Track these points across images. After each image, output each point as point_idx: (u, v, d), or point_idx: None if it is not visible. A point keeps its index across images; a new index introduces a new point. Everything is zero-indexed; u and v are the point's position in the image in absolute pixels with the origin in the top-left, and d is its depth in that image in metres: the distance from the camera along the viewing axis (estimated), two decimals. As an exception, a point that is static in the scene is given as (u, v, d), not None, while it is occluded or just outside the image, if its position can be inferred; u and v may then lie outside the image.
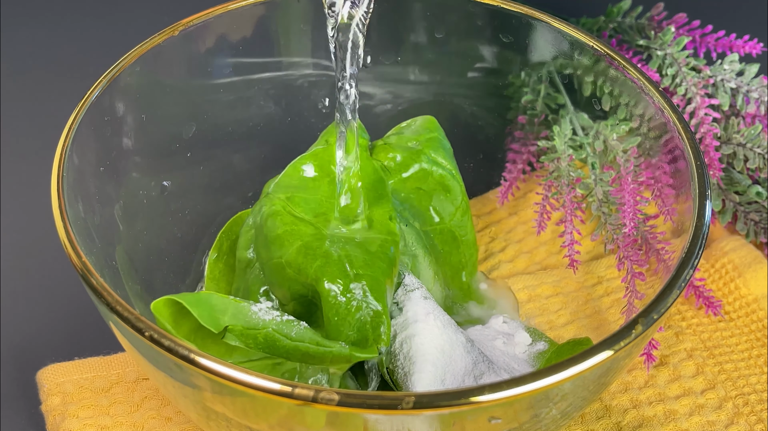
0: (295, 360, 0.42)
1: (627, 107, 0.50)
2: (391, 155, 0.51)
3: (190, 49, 0.51)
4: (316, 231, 0.46)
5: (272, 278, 0.46)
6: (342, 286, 0.43)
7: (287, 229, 0.46)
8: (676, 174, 0.46)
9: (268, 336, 0.42)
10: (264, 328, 0.42)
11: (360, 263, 0.44)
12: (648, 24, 0.61)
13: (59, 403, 0.48)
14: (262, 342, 0.42)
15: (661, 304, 0.38)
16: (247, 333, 0.41)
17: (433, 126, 0.53)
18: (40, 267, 0.57)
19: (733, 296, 0.54)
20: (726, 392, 0.50)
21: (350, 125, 0.45)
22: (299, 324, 0.43)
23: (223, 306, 0.42)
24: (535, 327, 0.51)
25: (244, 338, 0.41)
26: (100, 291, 0.38)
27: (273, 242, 0.46)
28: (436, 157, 0.51)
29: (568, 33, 0.51)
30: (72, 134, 0.43)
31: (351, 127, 0.46)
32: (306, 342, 0.42)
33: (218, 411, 0.38)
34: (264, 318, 0.42)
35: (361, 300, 0.43)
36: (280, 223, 0.46)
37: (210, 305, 0.41)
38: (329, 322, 0.43)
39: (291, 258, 0.45)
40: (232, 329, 0.41)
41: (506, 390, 0.34)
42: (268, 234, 0.46)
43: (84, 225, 0.42)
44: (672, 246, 0.46)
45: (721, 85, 0.57)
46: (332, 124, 0.52)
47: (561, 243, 0.53)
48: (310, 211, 0.47)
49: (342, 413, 0.34)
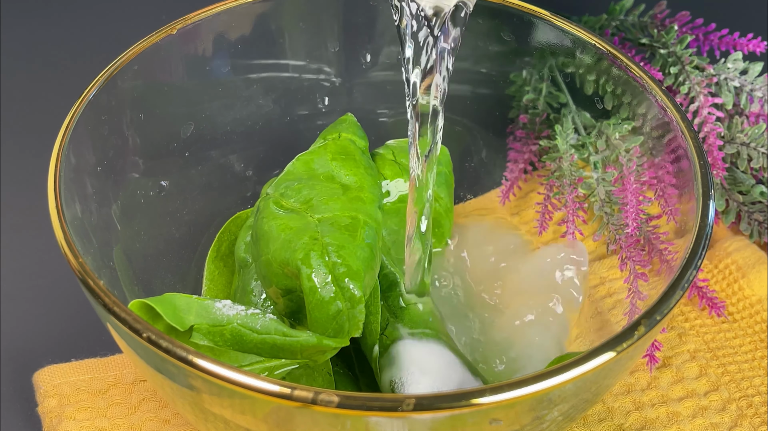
0: (265, 354, 0.42)
1: (629, 106, 0.50)
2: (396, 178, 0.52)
3: (188, 48, 0.51)
4: (303, 221, 0.46)
5: (262, 275, 0.46)
6: (320, 276, 0.43)
7: (274, 224, 0.46)
8: (679, 173, 0.46)
9: (234, 332, 0.42)
10: (229, 324, 0.42)
11: (340, 251, 0.44)
12: (651, 22, 0.61)
13: (56, 405, 0.48)
14: (230, 339, 0.42)
15: (664, 305, 0.38)
16: (214, 331, 0.42)
17: (445, 159, 0.53)
18: (37, 268, 0.57)
19: (737, 297, 0.54)
20: (729, 394, 0.50)
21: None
22: (264, 316, 0.42)
23: (187, 306, 0.42)
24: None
25: (211, 336, 0.42)
26: (97, 293, 0.38)
27: (261, 238, 0.46)
28: (439, 192, 0.52)
29: (570, 31, 0.51)
30: (69, 133, 0.43)
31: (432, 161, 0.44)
32: (272, 334, 0.42)
33: (216, 413, 0.38)
34: (228, 314, 0.42)
35: (341, 288, 0.43)
36: (268, 218, 0.46)
37: (174, 305, 0.41)
38: (310, 314, 0.43)
39: (277, 253, 0.45)
40: (198, 328, 0.41)
41: (508, 392, 0.34)
42: (257, 231, 0.46)
43: (81, 226, 0.42)
44: (675, 246, 0.46)
45: (725, 83, 0.57)
46: (333, 124, 0.52)
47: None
48: (301, 199, 0.47)
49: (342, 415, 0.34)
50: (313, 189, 0.47)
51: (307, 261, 0.43)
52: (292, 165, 0.50)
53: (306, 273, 0.43)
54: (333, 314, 0.43)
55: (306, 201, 0.47)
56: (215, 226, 0.53)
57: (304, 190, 0.48)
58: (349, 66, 0.56)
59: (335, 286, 0.43)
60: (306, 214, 0.46)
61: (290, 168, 0.50)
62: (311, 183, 0.48)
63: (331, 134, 0.51)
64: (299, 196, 0.47)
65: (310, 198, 0.47)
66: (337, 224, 0.45)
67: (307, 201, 0.47)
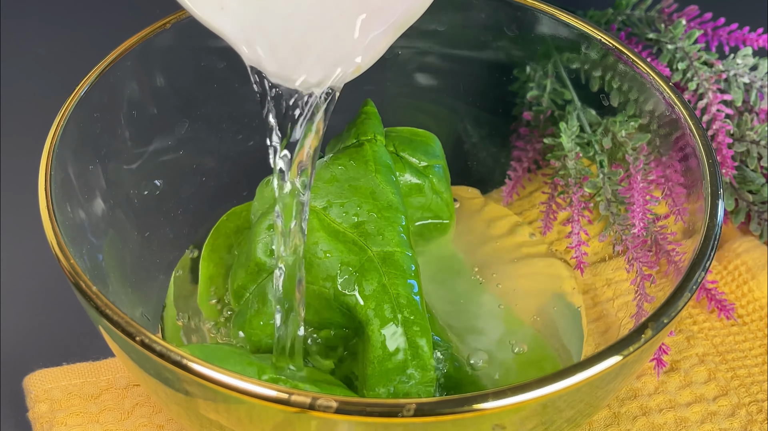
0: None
1: (636, 103, 0.50)
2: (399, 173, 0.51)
3: (182, 43, 0.51)
4: (362, 254, 0.45)
5: (308, 301, 0.45)
6: (390, 334, 0.43)
7: (332, 255, 0.45)
8: (688, 172, 0.46)
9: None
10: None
11: (406, 304, 0.44)
12: (658, 16, 0.61)
13: (47, 410, 0.48)
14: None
15: (671, 308, 0.38)
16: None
17: (439, 151, 0.53)
18: (27, 269, 0.57)
19: (747, 299, 0.54)
20: (739, 399, 0.50)
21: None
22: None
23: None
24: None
25: None
26: (89, 295, 0.37)
27: (313, 266, 0.45)
28: (439, 186, 0.52)
29: (575, 26, 0.51)
30: (60, 132, 0.43)
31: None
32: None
33: (212, 418, 0.38)
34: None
35: (408, 351, 0.43)
36: (323, 245, 0.45)
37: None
38: (373, 365, 0.43)
39: (334, 289, 0.44)
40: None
41: (511, 397, 0.34)
42: (306, 254, 0.45)
43: (73, 226, 0.42)
44: (683, 247, 0.46)
45: (734, 80, 0.57)
46: (360, 118, 0.51)
47: (567, 244, 0.53)
48: (350, 220, 0.46)
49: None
50: (361, 208, 0.46)
51: (378, 315, 0.43)
52: (327, 169, 0.48)
53: (375, 329, 0.43)
54: (398, 373, 0.43)
55: (357, 224, 0.46)
56: (210, 227, 0.52)
57: (350, 208, 0.46)
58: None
59: (406, 345, 0.43)
60: (362, 244, 0.45)
61: (325, 173, 0.47)
62: (357, 200, 0.47)
63: (365, 134, 0.49)
64: (347, 216, 0.46)
65: (361, 221, 0.46)
66: (397, 265, 0.45)
67: (359, 225, 0.46)
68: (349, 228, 0.46)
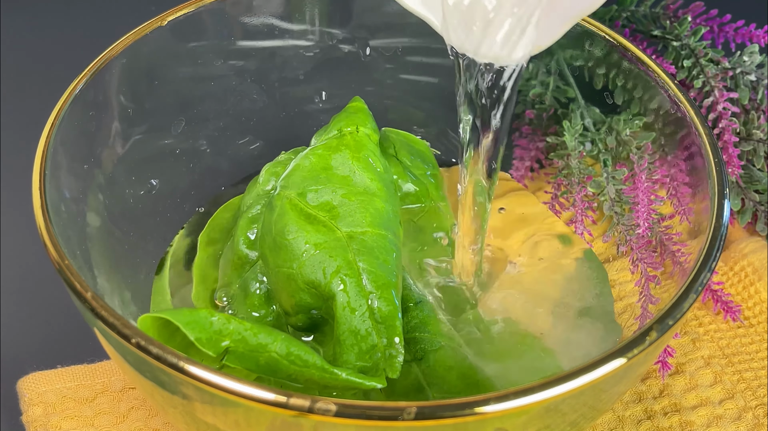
0: (298, 383, 0.42)
1: (641, 101, 0.50)
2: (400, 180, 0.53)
3: (178, 40, 0.51)
4: (331, 236, 0.45)
5: (279, 286, 0.46)
6: (358, 307, 0.43)
7: (299, 236, 0.45)
8: (693, 171, 0.46)
9: (269, 360, 0.41)
10: (266, 352, 0.41)
11: (376, 279, 0.44)
12: (663, 13, 0.61)
13: (41, 414, 0.48)
14: (263, 366, 0.41)
15: (676, 309, 0.38)
16: (248, 356, 0.41)
17: (431, 160, 0.55)
18: (21, 270, 0.57)
19: (753, 301, 0.54)
20: (746, 402, 0.50)
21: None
22: (303, 346, 0.42)
23: (222, 328, 0.41)
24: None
25: (244, 361, 0.41)
26: (84, 296, 0.37)
27: (281, 249, 0.46)
28: (435, 194, 0.54)
29: (579, 22, 0.51)
30: (55, 130, 0.43)
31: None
32: (310, 368, 0.42)
33: (209, 422, 0.38)
34: (264, 342, 0.42)
35: (377, 324, 0.43)
36: (289, 225, 0.46)
37: (205, 326, 0.41)
38: (340, 342, 0.43)
39: (303, 271, 0.45)
40: (233, 351, 0.41)
41: (514, 400, 0.34)
42: (277, 237, 0.46)
43: (67, 226, 0.42)
44: (688, 247, 0.46)
45: (741, 77, 0.57)
46: (345, 112, 0.52)
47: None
48: (323, 204, 0.47)
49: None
50: (335, 193, 0.47)
51: (343, 291, 0.43)
52: (306, 158, 0.49)
53: (342, 302, 0.43)
54: (367, 349, 0.43)
55: (329, 208, 0.46)
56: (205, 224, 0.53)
57: (324, 193, 0.47)
58: (349, 54, 0.56)
59: (372, 321, 0.43)
60: (332, 225, 0.46)
61: (304, 162, 0.49)
62: (332, 186, 0.47)
63: (348, 126, 0.50)
64: (321, 200, 0.47)
65: (334, 205, 0.46)
66: (367, 244, 0.45)
67: (331, 208, 0.46)
68: (320, 212, 0.46)
